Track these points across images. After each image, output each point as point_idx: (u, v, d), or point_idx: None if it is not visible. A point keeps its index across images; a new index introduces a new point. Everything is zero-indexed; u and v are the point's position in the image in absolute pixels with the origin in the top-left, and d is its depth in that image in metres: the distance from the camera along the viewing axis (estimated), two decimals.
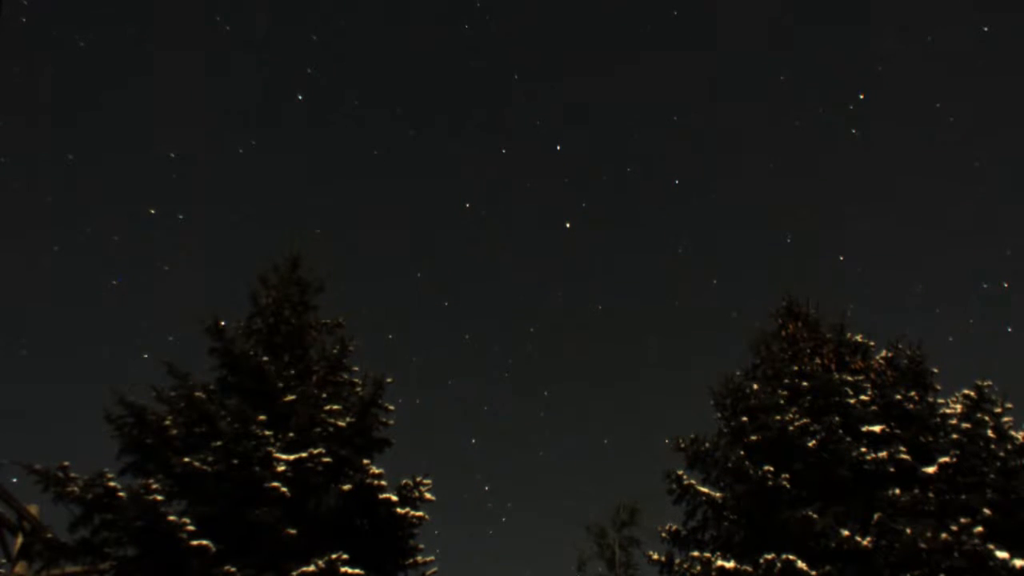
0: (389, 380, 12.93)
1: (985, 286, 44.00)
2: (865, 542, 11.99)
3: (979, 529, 11.65)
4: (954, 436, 13.14)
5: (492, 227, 53.74)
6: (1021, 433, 13.25)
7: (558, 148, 52.96)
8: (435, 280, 53.59)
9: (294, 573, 10.67)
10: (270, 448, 11.39)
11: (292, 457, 11.41)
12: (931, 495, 12.59)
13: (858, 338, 15.21)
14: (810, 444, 13.28)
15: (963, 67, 45.41)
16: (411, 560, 12.38)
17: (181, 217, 42.77)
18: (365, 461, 12.29)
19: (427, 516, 12.33)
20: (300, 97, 48.77)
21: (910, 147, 45.94)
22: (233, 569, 10.42)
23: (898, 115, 46.81)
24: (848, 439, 13.26)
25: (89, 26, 44.92)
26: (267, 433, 11.48)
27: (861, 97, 45.71)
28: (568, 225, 51.23)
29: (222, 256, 48.59)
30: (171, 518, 10.46)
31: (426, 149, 53.48)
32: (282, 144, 49.99)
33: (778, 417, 13.66)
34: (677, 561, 13.67)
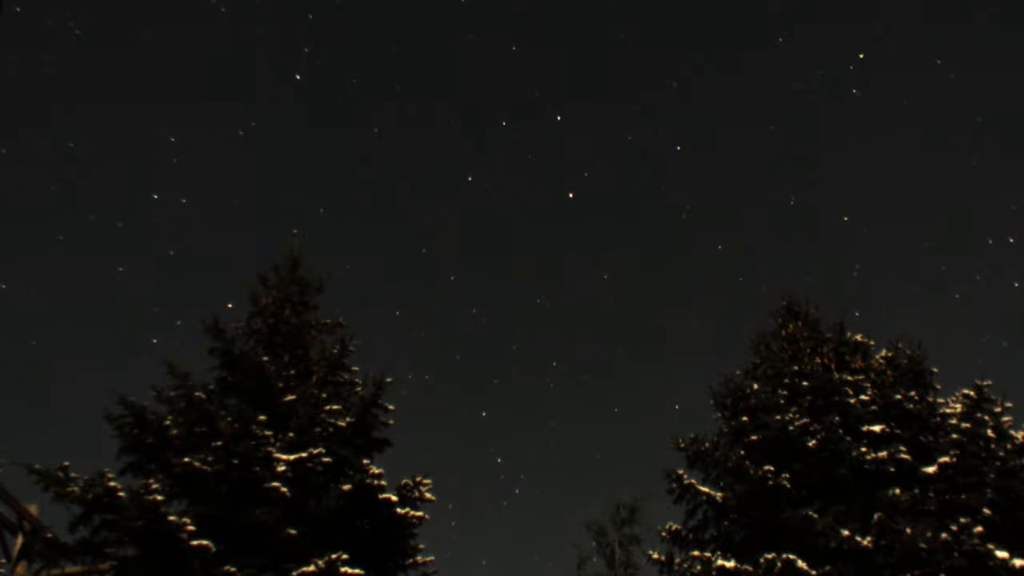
0: (389, 380, 12.93)
1: (990, 241, 43.93)
2: (865, 542, 12.00)
3: (979, 529, 11.65)
4: (954, 436, 13.13)
5: (495, 199, 53.80)
6: (1021, 433, 13.24)
7: (558, 119, 52.91)
8: (440, 254, 53.70)
9: (294, 573, 10.67)
10: (270, 448, 11.39)
11: (292, 457, 11.41)
12: (931, 495, 12.59)
13: (858, 338, 15.21)
14: (810, 444, 13.28)
15: (962, 23, 45.35)
16: (411, 560, 12.38)
17: (184, 201, 42.77)
18: (365, 461, 12.28)
19: (427, 516, 12.33)
20: (298, 77, 48.83)
21: (911, 105, 45.78)
22: (233, 569, 10.42)
23: (898, 74, 46.72)
24: (848, 439, 13.26)
25: (85, 14, 44.96)
26: (267, 433, 11.46)
27: (861, 57, 45.57)
28: (571, 195, 51.19)
29: (226, 239, 48.80)
30: (171, 518, 10.45)
31: (426, 124, 53.60)
32: (281, 124, 50.10)
33: (778, 417, 13.66)
34: (677, 560, 13.68)
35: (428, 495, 12.37)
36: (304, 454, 11.46)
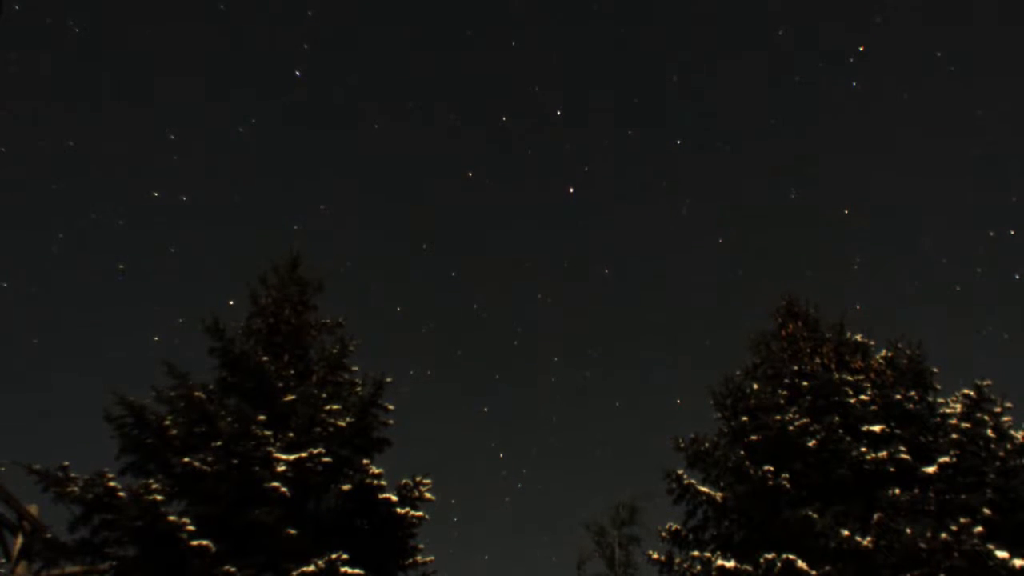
0: (389, 380, 12.96)
1: (991, 234, 43.93)
2: (865, 542, 11.99)
3: (979, 529, 11.64)
4: (954, 436, 13.12)
5: (495, 195, 53.87)
6: (1021, 433, 13.24)
7: (558, 113, 52.97)
8: (441, 251, 53.72)
9: (294, 573, 10.67)
10: (270, 448, 11.39)
11: (292, 457, 11.40)
12: (931, 495, 12.59)
13: (858, 338, 15.23)
14: (810, 444, 13.27)
15: (962, 16, 45.33)
16: (411, 560, 12.38)
17: (184, 199, 42.74)
18: (365, 461, 12.29)
19: (427, 516, 12.34)
20: (298, 73, 48.83)
21: (911, 98, 45.77)
22: (233, 569, 10.42)
23: (898, 66, 46.71)
24: (848, 439, 13.26)
25: (85, 14, 44.93)
26: (267, 433, 11.47)
27: (861, 50, 45.56)
28: (571, 190, 51.23)
29: (226, 239, 48.83)
30: (171, 518, 10.46)
31: (426, 119, 53.59)
32: (281, 123, 50.08)
33: (778, 417, 13.66)
34: (677, 560, 13.68)
35: (428, 495, 12.38)
36: (304, 454, 11.46)
